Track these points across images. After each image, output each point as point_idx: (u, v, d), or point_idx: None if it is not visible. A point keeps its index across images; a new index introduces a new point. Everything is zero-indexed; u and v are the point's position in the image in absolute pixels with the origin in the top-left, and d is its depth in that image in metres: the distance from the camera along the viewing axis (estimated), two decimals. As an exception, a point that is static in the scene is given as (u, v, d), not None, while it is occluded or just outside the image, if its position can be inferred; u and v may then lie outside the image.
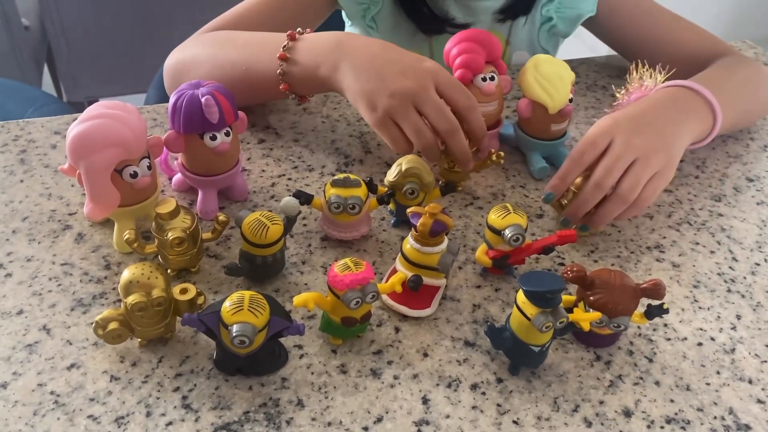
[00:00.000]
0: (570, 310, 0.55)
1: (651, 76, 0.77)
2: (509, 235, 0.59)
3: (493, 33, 0.96)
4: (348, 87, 0.69)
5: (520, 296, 0.53)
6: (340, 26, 1.04)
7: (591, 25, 0.97)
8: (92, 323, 0.55)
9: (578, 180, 0.68)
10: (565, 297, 0.56)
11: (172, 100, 0.64)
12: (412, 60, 0.68)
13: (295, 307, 0.57)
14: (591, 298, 0.55)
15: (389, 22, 0.95)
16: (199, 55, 0.81)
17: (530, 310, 0.52)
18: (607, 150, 0.66)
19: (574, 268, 0.55)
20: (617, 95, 0.79)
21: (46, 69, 2.05)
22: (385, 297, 0.61)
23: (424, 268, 0.60)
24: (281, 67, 0.73)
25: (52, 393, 0.53)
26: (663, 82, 0.76)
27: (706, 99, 0.74)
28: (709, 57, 0.88)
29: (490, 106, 0.76)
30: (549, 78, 0.74)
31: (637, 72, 0.78)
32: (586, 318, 0.54)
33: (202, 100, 0.63)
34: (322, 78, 0.71)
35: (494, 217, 0.61)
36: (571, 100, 0.75)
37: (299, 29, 0.74)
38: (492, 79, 0.75)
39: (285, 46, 0.73)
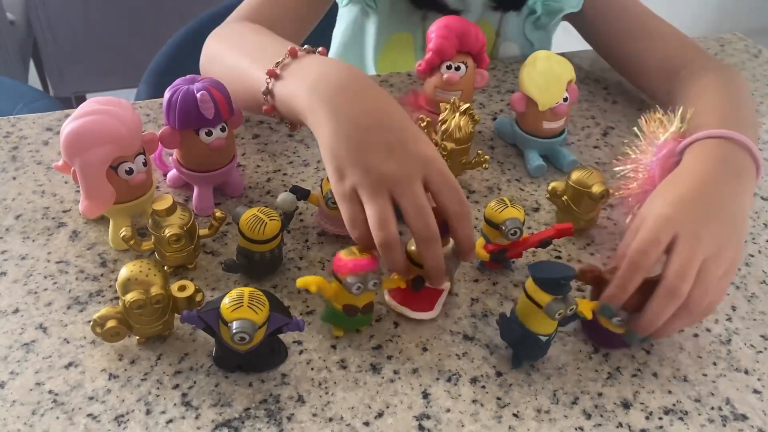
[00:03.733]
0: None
1: (670, 121, 0.68)
2: (507, 229, 0.60)
3: (482, 24, 0.97)
4: (322, 141, 0.56)
5: (530, 285, 0.53)
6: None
7: (574, 21, 0.97)
8: (90, 321, 0.54)
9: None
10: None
11: (166, 95, 0.64)
12: (406, 136, 0.55)
13: (297, 287, 0.54)
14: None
15: (388, 3, 0.95)
16: (218, 52, 0.76)
17: (542, 297, 0.52)
18: (672, 247, 0.55)
19: (592, 270, 0.56)
20: (632, 151, 0.69)
21: (32, 64, 2.03)
22: (388, 298, 0.61)
23: None
24: (267, 84, 0.63)
25: (50, 392, 0.52)
26: (686, 126, 0.67)
27: (749, 149, 0.64)
28: (681, 60, 0.84)
29: (453, 95, 0.76)
30: (543, 74, 0.74)
31: (654, 120, 0.69)
32: (591, 307, 0.55)
33: (198, 95, 0.62)
34: (298, 112, 0.60)
35: (492, 210, 0.61)
36: (566, 99, 0.75)
37: (307, 46, 0.64)
38: (458, 69, 0.75)
39: (279, 62, 0.63)
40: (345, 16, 1.02)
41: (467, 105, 0.71)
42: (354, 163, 0.54)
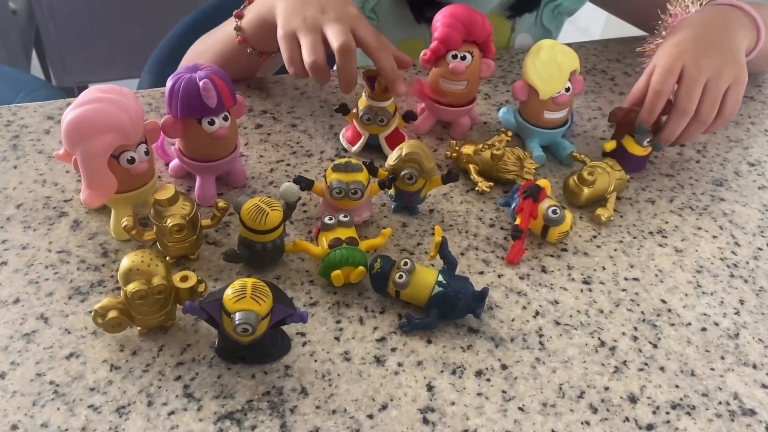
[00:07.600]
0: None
1: (692, 2, 0.80)
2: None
3: (498, 20, 0.96)
4: (277, 14, 0.70)
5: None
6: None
7: (602, 1, 0.96)
8: (91, 312, 0.54)
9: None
10: None
11: (169, 84, 0.63)
12: (338, 2, 0.70)
13: (287, 251, 0.62)
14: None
15: (389, 12, 0.94)
16: (195, 46, 0.86)
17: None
18: (681, 75, 0.70)
19: (620, 109, 0.74)
20: (664, 17, 0.81)
21: (34, 54, 2.02)
22: None
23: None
24: (237, 23, 0.76)
25: (51, 383, 0.52)
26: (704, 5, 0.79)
27: (748, 13, 0.77)
28: None
29: (459, 85, 0.75)
30: (546, 63, 0.73)
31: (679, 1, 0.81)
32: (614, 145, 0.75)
33: (200, 83, 0.61)
34: (264, 18, 0.72)
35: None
36: (567, 89, 0.74)
37: None
38: (464, 58, 0.74)
39: (243, 6, 0.77)
40: None
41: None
42: (297, 15, 0.68)
